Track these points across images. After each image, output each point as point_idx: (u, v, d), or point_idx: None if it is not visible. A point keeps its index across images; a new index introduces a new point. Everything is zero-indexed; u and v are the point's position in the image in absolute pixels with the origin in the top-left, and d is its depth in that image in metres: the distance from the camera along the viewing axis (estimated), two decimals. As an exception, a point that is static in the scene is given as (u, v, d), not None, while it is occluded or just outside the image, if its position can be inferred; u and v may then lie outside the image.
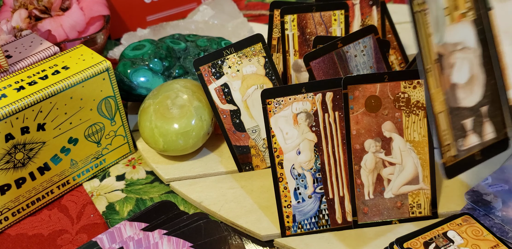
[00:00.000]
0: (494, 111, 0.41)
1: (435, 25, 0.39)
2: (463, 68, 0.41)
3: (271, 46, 0.60)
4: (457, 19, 0.40)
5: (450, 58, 0.40)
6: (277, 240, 0.50)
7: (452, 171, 0.41)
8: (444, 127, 0.40)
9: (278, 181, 0.49)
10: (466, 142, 0.41)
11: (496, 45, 0.41)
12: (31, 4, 0.66)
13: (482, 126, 0.42)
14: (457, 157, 0.41)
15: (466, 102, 0.41)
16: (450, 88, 0.40)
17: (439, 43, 0.40)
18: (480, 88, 0.41)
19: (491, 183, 0.53)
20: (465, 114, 0.41)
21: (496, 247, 0.46)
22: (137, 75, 0.60)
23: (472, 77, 0.41)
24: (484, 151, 0.42)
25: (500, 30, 0.41)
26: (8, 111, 0.47)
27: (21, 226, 0.53)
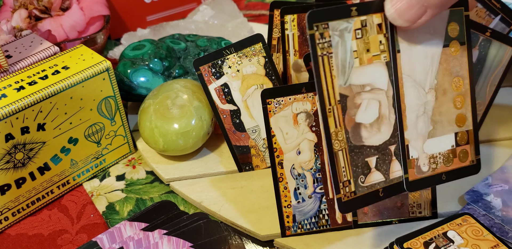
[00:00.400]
0: (402, 150, 0.43)
1: (342, 67, 0.40)
2: (369, 108, 0.42)
3: (271, 46, 0.60)
4: (368, 61, 0.41)
5: (356, 99, 0.41)
6: (277, 240, 0.50)
7: (348, 206, 0.41)
8: (342, 163, 0.41)
9: (278, 181, 0.49)
10: (369, 179, 0.42)
11: (400, 87, 0.42)
12: (31, 4, 0.66)
13: (389, 164, 0.43)
14: (355, 193, 0.41)
15: (371, 141, 0.42)
16: (354, 127, 0.41)
17: (344, 85, 0.41)
18: (388, 128, 0.42)
19: (491, 183, 0.53)
20: (369, 153, 0.42)
21: (496, 247, 0.46)
22: (137, 75, 0.61)
23: (381, 117, 0.42)
24: (388, 188, 0.43)
25: (404, 72, 0.42)
26: (8, 111, 0.47)
27: (21, 226, 0.53)
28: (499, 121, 0.61)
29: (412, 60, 0.43)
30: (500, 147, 0.58)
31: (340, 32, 0.40)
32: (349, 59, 0.41)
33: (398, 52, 0.42)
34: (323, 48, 0.40)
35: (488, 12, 0.58)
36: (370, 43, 0.41)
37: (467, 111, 0.46)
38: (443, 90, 0.44)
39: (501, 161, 0.56)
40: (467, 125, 0.46)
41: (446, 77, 0.44)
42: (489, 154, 0.57)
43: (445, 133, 0.45)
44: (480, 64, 0.56)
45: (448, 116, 0.45)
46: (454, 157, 0.46)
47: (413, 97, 0.43)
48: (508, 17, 0.57)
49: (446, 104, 0.45)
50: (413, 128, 0.43)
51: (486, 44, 0.56)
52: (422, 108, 0.44)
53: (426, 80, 0.43)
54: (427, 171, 0.45)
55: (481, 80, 0.57)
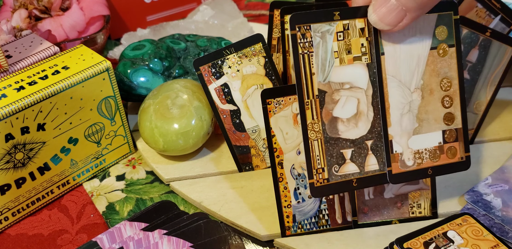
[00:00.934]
0: (379, 146, 0.45)
1: (322, 65, 0.43)
2: (348, 105, 0.44)
3: (271, 46, 0.60)
4: (348, 62, 0.44)
5: (334, 95, 0.44)
6: (277, 240, 0.50)
7: (320, 191, 0.44)
8: (317, 152, 0.44)
9: (278, 181, 0.49)
10: (343, 169, 0.45)
11: (384, 87, 0.45)
12: (31, 4, 0.66)
13: (365, 158, 0.45)
14: (329, 180, 0.44)
15: (347, 134, 0.45)
16: (331, 120, 0.44)
17: (323, 81, 0.44)
18: (366, 124, 0.45)
19: (491, 183, 0.53)
20: (345, 145, 0.45)
21: (496, 247, 0.46)
22: (137, 75, 0.61)
23: (358, 113, 0.45)
24: (362, 179, 0.45)
25: (388, 73, 0.45)
26: (8, 111, 0.47)
27: (21, 226, 0.53)
28: (499, 122, 0.61)
29: (397, 62, 0.45)
30: (500, 147, 0.58)
31: (321, 34, 0.43)
32: (330, 59, 0.43)
33: (382, 54, 0.44)
34: (304, 47, 0.43)
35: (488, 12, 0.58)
36: (352, 45, 0.44)
37: (456, 110, 0.47)
38: (430, 90, 0.46)
39: (501, 161, 0.56)
40: (456, 123, 0.47)
41: (433, 78, 0.46)
42: (489, 154, 0.57)
43: (432, 130, 0.47)
44: (480, 64, 0.56)
45: (435, 114, 0.47)
46: (442, 153, 0.47)
47: (398, 96, 0.45)
48: (508, 17, 0.57)
49: (433, 103, 0.46)
50: (397, 124, 0.46)
51: (486, 44, 0.56)
52: (407, 106, 0.46)
53: (412, 80, 0.46)
54: (412, 165, 0.46)
55: (481, 80, 0.57)
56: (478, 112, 0.58)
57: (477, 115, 0.58)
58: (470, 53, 0.56)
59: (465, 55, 0.56)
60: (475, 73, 0.57)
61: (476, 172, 0.55)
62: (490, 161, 0.57)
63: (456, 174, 0.55)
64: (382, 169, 0.46)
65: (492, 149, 0.58)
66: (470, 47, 0.56)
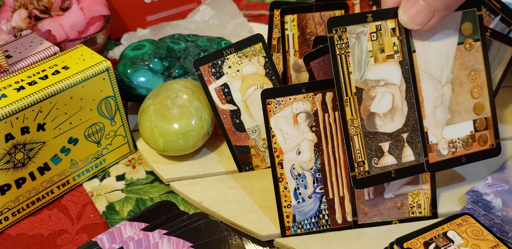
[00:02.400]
0: (414, 138, 0.48)
1: (358, 64, 0.46)
2: (383, 100, 0.47)
3: (271, 46, 0.60)
4: (382, 60, 0.47)
5: (371, 92, 0.47)
6: (277, 240, 0.50)
7: (362, 183, 0.47)
8: (358, 147, 0.47)
9: (278, 181, 0.49)
10: (382, 161, 0.47)
11: (417, 82, 0.48)
12: (31, 4, 0.66)
13: (401, 150, 0.48)
14: (369, 173, 0.47)
15: (384, 128, 0.47)
16: (369, 116, 0.47)
17: (360, 79, 0.47)
18: (401, 118, 0.48)
19: (491, 183, 0.53)
20: (383, 138, 0.47)
21: (496, 247, 0.46)
22: (137, 75, 0.61)
23: (394, 108, 0.47)
24: (400, 170, 0.48)
25: (420, 69, 0.48)
26: (8, 111, 0.47)
27: (21, 226, 0.53)
28: (499, 121, 0.61)
29: (427, 58, 0.48)
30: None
31: (356, 35, 0.46)
32: (365, 58, 0.46)
33: (413, 52, 0.47)
34: (341, 48, 0.46)
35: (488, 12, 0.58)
36: (385, 44, 0.47)
37: (485, 100, 0.50)
38: (459, 83, 0.49)
39: (501, 161, 0.56)
40: (485, 112, 0.50)
41: (462, 71, 0.49)
42: (489, 154, 0.57)
43: (463, 120, 0.50)
44: (480, 64, 0.56)
45: (465, 105, 0.50)
46: (473, 142, 0.50)
47: (430, 90, 0.48)
48: (508, 17, 0.57)
49: (463, 95, 0.49)
50: (431, 116, 0.49)
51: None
52: (439, 99, 0.49)
53: (442, 74, 0.48)
54: (447, 154, 0.49)
55: (481, 80, 0.57)
56: (478, 112, 0.58)
57: (477, 115, 0.58)
58: (470, 53, 0.56)
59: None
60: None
61: (476, 172, 0.55)
62: (490, 161, 0.56)
63: (456, 174, 0.55)
64: (417, 159, 0.48)
65: (492, 149, 0.58)
66: (470, 47, 0.56)
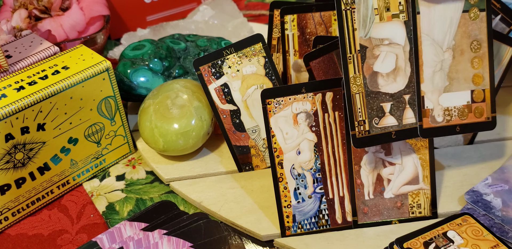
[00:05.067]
0: (416, 100, 0.48)
1: (363, 21, 0.46)
2: (387, 60, 0.47)
3: (271, 46, 0.60)
4: (387, 19, 0.47)
5: (375, 50, 0.47)
6: (277, 240, 0.50)
7: (362, 142, 0.47)
8: (359, 105, 0.47)
9: (278, 181, 0.49)
10: (382, 121, 0.47)
11: (418, 45, 0.48)
12: (31, 4, 0.66)
13: (403, 111, 0.48)
14: (369, 132, 0.47)
15: (387, 88, 0.47)
16: (371, 75, 0.47)
17: (365, 37, 0.46)
18: (404, 79, 0.48)
19: (491, 183, 0.53)
20: (385, 99, 0.47)
21: (496, 247, 0.46)
22: (137, 75, 0.61)
23: (397, 68, 0.47)
24: (400, 132, 0.48)
25: (423, 32, 0.48)
26: (8, 111, 0.47)
27: (21, 226, 0.53)
28: (499, 121, 0.61)
29: (431, 22, 0.48)
30: (500, 146, 0.58)
31: None
32: (370, 15, 0.46)
33: (418, 13, 0.47)
34: (347, 3, 0.46)
35: (488, 12, 0.58)
36: (390, 3, 0.47)
37: (485, 72, 0.50)
38: (461, 51, 0.49)
39: (501, 161, 0.56)
40: (484, 84, 0.50)
41: (464, 40, 0.49)
42: (489, 154, 0.57)
43: (461, 89, 0.50)
44: (480, 64, 0.56)
45: (464, 74, 0.49)
46: (469, 112, 0.50)
47: (431, 54, 0.48)
48: (508, 17, 0.57)
49: (463, 63, 0.49)
50: (430, 81, 0.49)
51: (486, 44, 0.56)
52: (439, 65, 0.49)
53: (444, 40, 0.48)
54: (441, 122, 0.49)
55: (481, 80, 0.57)
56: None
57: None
58: (470, 53, 0.56)
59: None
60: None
61: (476, 172, 0.55)
62: (490, 161, 0.57)
63: (456, 174, 0.55)
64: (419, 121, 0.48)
65: (492, 149, 0.58)
66: (470, 47, 0.56)
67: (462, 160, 0.57)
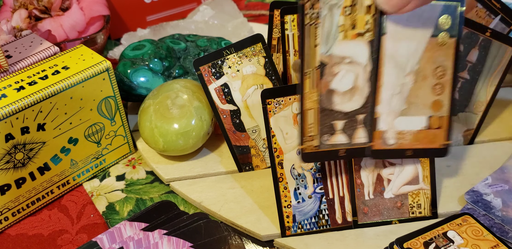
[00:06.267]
0: (371, 120, 0.47)
1: (326, 38, 0.44)
2: (345, 78, 0.45)
3: (271, 46, 0.60)
4: (352, 37, 0.45)
5: (334, 68, 0.45)
6: (277, 240, 0.50)
7: (309, 157, 0.46)
8: (311, 121, 0.45)
9: (278, 181, 0.49)
10: (333, 138, 0.46)
11: (379, 66, 0.46)
12: (31, 4, 0.66)
13: (354, 130, 0.46)
14: (318, 148, 0.46)
15: (341, 107, 0.46)
16: (328, 92, 0.45)
17: (326, 53, 0.45)
18: (360, 99, 0.46)
19: (491, 183, 0.53)
20: (338, 116, 0.46)
21: (496, 247, 0.46)
22: (137, 75, 0.61)
23: (355, 88, 0.46)
24: (350, 150, 0.47)
25: (387, 53, 0.46)
26: (8, 111, 0.47)
27: (21, 226, 0.53)
28: (499, 121, 0.61)
29: (396, 44, 0.46)
30: (500, 147, 0.58)
31: (329, 6, 0.44)
32: (334, 32, 0.44)
33: (383, 34, 0.45)
34: (311, 18, 0.44)
35: (488, 12, 0.58)
36: (357, 21, 0.44)
37: (445, 99, 0.48)
38: (423, 76, 0.47)
39: (501, 161, 0.56)
40: (442, 111, 0.48)
41: (429, 65, 0.47)
42: (489, 154, 0.57)
43: (418, 114, 0.48)
44: (480, 64, 0.56)
45: (424, 100, 0.48)
46: (423, 138, 0.48)
47: (392, 77, 0.46)
48: (508, 17, 0.57)
49: (424, 88, 0.47)
50: (387, 103, 0.47)
51: (486, 44, 0.56)
52: (399, 88, 0.47)
53: (407, 63, 0.46)
54: (393, 144, 0.48)
55: (481, 80, 0.57)
56: (478, 113, 0.58)
57: (477, 115, 0.58)
58: (470, 53, 0.56)
59: (465, 55, 0.56)
60: (475, 73, 0.57)
61: (476, 172, 0.55)
62: (490, 161, 0.57)
63: (456, 174, 0.55)
64: (370, 142, 0.47)
65: (492, 149, 0.58)
66: (470, 47, 0.56)
67: (462, 160, 0.57)
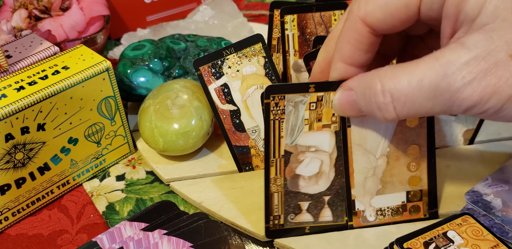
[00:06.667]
0: (336, 202, 0.49)
1: (291, 131, 0.46)
2: (311, 165, 0.47)
3: (271, 46, 0.60)
4: (317, 129, 0.46)
5: (300, 156, 0.47)
6: (277, 240, 0.50)
7: (274, 234, 0.49)
8: (276, 202, 0.48)
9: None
10: (298, 217, 0.48)
11: (348, 155, 0.47)
12: (31, 4, 0.66)
13: (320, 210, 0.49)
14: (283, 226, 0.49)
15: (307, 190, 0.48)
16: (293, 177, 0.47)
17: (291, 144, 0.46)
18: (326, 182, 0.48)
19: (491, 183, 0.53)
20: (303, 198, 0.48)
21: (496, 247, 0.46)
22: (137, 75, 0.61)
23: (320, 173, 0.47)
24: (315, 227, 0.49)
25: (354, 142, 0.47)
26: (8, 111, 0.47)
27: (21, 226, 0.53)
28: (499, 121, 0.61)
29: (362, 133, 0.47)
30: (500, 147, 0.58)
31: (294, 103, 0.45)
32: (299, 125, 0.46)
33: (348, 126, 0.46)
34: (276, 114, 0.45)
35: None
36: (323, 114, 0.46)
37: (422, 173, 0.49)
38: (396, 157, 0.48)
39: (501, 161, 0.56)
40: (421, 185, 0.50)
41: (401, 146, 0.48)
42: (489, 154, 0.57)
43: (396, 191, 0.49)
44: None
45: (400, 177, 0.49)
46: (404, 211, 0.50)
47: (363, 162, 0.48)
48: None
49: (399, 167, 0.49)
50: (361, 186, 0.48)
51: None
52: (371, 171, 0.48)
53: (377, 148, 0.47)
54: (374, 221, 0.50)
55: (481, 80, 0.57)
56: (478, 113, 0.58)
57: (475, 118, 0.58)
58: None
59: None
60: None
61: (476, 172, 0.55)
62: (490, 161, 0.57)
63: (456, 174, 0.55)
64: (335, 220, 0.49)
65: (492, 149, 0.58)
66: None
67: (462, 160, 0.57)
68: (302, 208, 0.48)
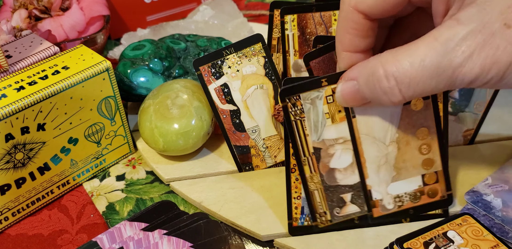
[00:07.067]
0: (365, 193, 0.48)
1: (314, 127, 0.46)
2: (343, 156, 0.47)
3: (271, 46, 0.60)
4: (340, 120, 0.46)
5: (329, 150, 0.47)
6: (277, 240, 0.50)
7: (323, 230, 0.49)
8: (318, 200, 0.48)
9: (290, 172, 0.49)
10: (344, 210, 0.49)
11: (358, 145, 0.47)
12: (31, 4, 0.66)
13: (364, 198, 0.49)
14: (331, 221, 0.49)
15: (346, 181, 0.48)
16: (328, 171, 0.47)
17: (318, 140, 0.46)
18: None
19: (491, 183, 0.53)
20: (344, 190, 0.48)
21: (496, 247, 0.46)
22: (137, 75, 0.61)
23: (354, 162, 0.47)
24: (363, 217, 0.49)
25: (361, 132, 0.46)
26: (8, 111, 0.47)
27: (21, 226, 0.53)
28: (499, 121, 0.61)
29: (368, 122, 0.46)
30: (500, 147, 0.58)
31: (311, 100, 0.45)
32: (321, 120, 0.46)
33: (353, 117, 0.46)
34: (296, 114, 0.45)
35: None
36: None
37: (435, 155, 0.49)
38: (406, 141, 0.48)
39: (501, 161, 0.56)
40: (435, 167, 0.49)
41: (409, 130, 0.47)
42: (489, 154, 0.57)
43: (411, 176, 0.49)
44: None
45: (413, 162, 0.48)
46: (422, 195, 0.49)
47: (373, 151, 0.47)
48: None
49: (410, 152, 0.48)
50: (375, 175, 0.48)
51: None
52: (383, 159, 0.48)
53: (386, 135, 0.47)
54: (393, 208, 0.49)
55: (481, 80, 0.57)
56: (478, 112, 0.58)
57: (477, 115, 0.58)
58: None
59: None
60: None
61: (476, 172, 0.55)
62: (490, 161, 0.57)
63: (456, 174, 0.55)
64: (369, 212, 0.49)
65: (492, 149, 0.58)
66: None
67: (462, 160, 0.57)
68: (346, 200, 0.48)
